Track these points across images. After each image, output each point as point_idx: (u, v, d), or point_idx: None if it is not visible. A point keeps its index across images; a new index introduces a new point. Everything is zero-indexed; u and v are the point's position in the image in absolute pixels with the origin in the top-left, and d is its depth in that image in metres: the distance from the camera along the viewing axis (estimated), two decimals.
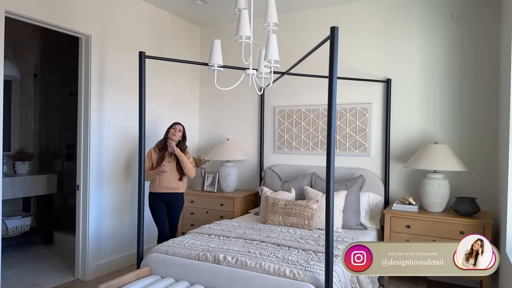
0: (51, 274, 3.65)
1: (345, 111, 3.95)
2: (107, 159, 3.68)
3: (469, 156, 3.43)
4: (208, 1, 4.00)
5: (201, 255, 2.56)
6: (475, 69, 3.43)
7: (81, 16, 3.38)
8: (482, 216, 3.15)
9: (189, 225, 4.30)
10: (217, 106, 4.79)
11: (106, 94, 3.64)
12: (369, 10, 3.87)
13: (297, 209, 3.35)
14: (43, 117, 5.08)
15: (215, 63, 2.40)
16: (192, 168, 3.48)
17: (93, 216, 3.56)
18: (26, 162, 4.63)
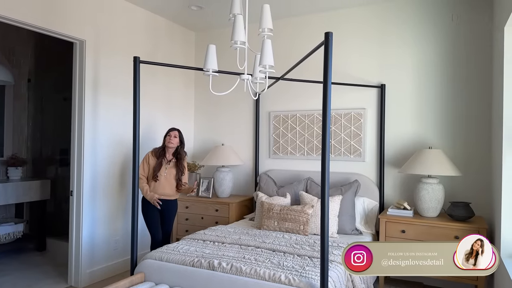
0: (43, 281, 3.60)
1: (340, 116, 3.97)
2: (101, 165, 3.65)
3: (463, 160, 3.45)
4: (204, 7, 4.01)
5: (196, 261, 2.54)
6: (468, 74, 3.46)
7: (75, 21, 3.37)
8: (476, 220, 3.16)
9: (184, 231, 4.27)
10: (212, 111, 4.78)
11: (100, 99, 3.63)
12: (364, 17, 3.90)
13: (292, 215, 3.34)
14: (37, 122, 5.04)
15: (210, 68, 2.40)
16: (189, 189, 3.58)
17: (86, 222, 3.52)
18: (19, 167, 4.59)
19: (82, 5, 3.43)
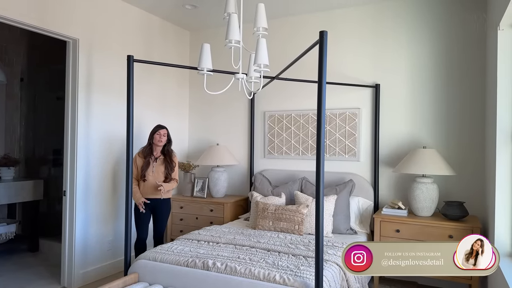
0: (36, 282, 3.56)
1: (334, 116, 3.97)
2: (94, 165, 3.62)
3: (457, 160, 3.47)
4: (198, 6, 4.00)
5: (190, 261, 2.52)
6: (462, 74, 3.47)
7: (68, 19, 3.34)
8: (470, 220, 3.17)
9: (178, 231, 4.25)
10: (206, 111, 4.77)
11: (94, 98, 3.60)
12: (359, 17, 3.90)
13: (287, 214, 3.33)
14: (29, 122, 4.99)
15: (204, 67, 2.39)
16: (174, 184, 3.48)
17: (79, 222, 3.49)
18: (11, 167, 4.54)
19: (75, 4, 3.40)
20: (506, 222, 2.52)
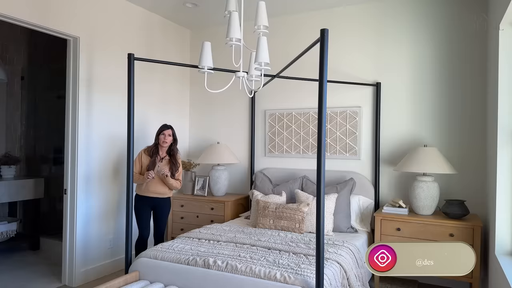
0: (37, 280, 3.57)
1: (335, 115, 3.96)
2: (95, 163, 3.63)
3: (458, 158, 3.46)
4: (199, 5, 3.99)
5: (191, 259, 2.52)
6: (463, 73, 3.46)
7: (69, 18, 3.34)
8: (471, 218, 3.17)
9: (179, 229, 4.25)
10: (207, 109, 4.76)
11: (94, 96, 3.60)
12: (360, 15, 3.89)
13: (288, 213, 3.33)
14: (30, 120, 5.00)
15: (205, 65, 2.38)
16: (178, 184, 3.46)
17: (80, 221, 3.49)
18: (12, 166, 4.54)
19: (76, 2, 3.40)
20: (507, 220, 2.52)
